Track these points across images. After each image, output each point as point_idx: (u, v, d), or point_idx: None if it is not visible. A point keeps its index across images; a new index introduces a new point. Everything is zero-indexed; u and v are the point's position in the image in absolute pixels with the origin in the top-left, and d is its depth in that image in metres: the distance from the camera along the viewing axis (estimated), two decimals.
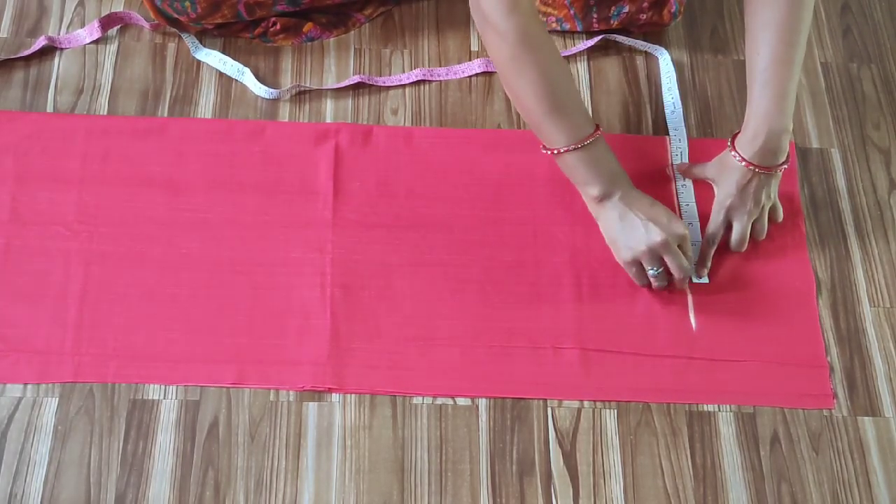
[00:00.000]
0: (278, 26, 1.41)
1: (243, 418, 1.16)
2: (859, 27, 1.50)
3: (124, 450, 1.13)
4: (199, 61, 1.40)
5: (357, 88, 1.39)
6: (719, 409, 1.19)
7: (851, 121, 1.41)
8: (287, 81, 1.39)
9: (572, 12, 1.41)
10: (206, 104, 1.37)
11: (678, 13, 1.43)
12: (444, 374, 1.19)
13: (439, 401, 1.18)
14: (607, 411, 1.18)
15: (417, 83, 1.40)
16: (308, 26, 1.42)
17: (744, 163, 1.23)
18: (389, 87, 1.39)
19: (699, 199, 1.31)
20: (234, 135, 1.34)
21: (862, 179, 1.36)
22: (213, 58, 1.39)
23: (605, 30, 1.44)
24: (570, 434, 1.17)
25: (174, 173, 1.30)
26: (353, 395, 1.18)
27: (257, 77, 1.38)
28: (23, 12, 1.43)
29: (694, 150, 1.36)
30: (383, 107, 1.38)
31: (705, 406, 1.19)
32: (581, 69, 1.43)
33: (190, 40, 1.41)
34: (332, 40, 1.44)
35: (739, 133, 1.25)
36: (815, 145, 1.38)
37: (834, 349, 1.23)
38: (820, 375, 1.21)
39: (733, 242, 1.26)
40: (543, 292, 1.24)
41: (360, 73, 1.40)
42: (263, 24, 1.41)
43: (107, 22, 1.41)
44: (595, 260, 1.27)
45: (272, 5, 1.38)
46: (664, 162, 1.34)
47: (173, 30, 1.41)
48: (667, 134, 1.37)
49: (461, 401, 1.18)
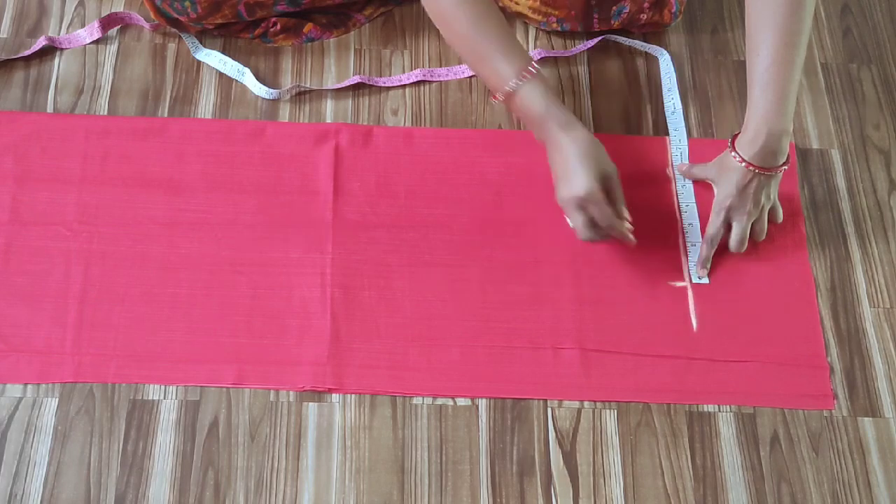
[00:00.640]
0: (278, 27, 1.41)
1: (243, 418, 1.16)
2: (859, 28, 1.50)
3: (124, 450, 1.13)
4: (199, 62, 1.40)
5: (357, 89, 1.39)
6: (719, 410, 1.19)
7: (851, 121, 1.41)
8: (287, 82, 1.39)
9: (573, 13, 1.41)
10: (206, 104, 1.37)
11: (678, 13, 1.43)
12: (444, 375, 1.19)
13: (439, 401, 1.18)
14: (607, 411, 1.18)
15: (417, 83, 1.40)
16: (308, 27, 1.42)
17: (744, 164, 1.22)
18: (389, 88, 1.39)
19: (699, 200, 1.31)
20: (234, 135, 1.34)
21: (862, 180, 1.36)
22: (214, 58, 1.39)
23: (605, 30, 1.44)
24: (570, 434, 1.17)
25: (174, 173, 1.30)
26: (353, 396, 1.18)
27: (257, 77, 1.38)
28: (23, 12, 1.44)
29: (694, 150, 1.36)
30: (383, 107, 1.38)
31: (705, 406, 1.19)
32: (581, 69, 1.43)
33: (190, 41, 1.41)
34: (332, 41, 1.44)
35: (739, 134, 1.25)
36: (815, 146, 1.38)
37: (834, 350, 1.23)
38: (820, 376, 1.21)
39: (733, 243, 1.26)
40: (543, 292, 1.24)
41: (360, 74, 1.40)
42: (264, 25, 1.41)
43: (107, 22, 1.41)
44: (595, 260, 1.27)
45: (272, 5, 1.38)
46: (664, 162, 1.35)
47: (173, 30, 1.41)
48: (667, 134, 1.37)
49: (461, 401, 1.18)
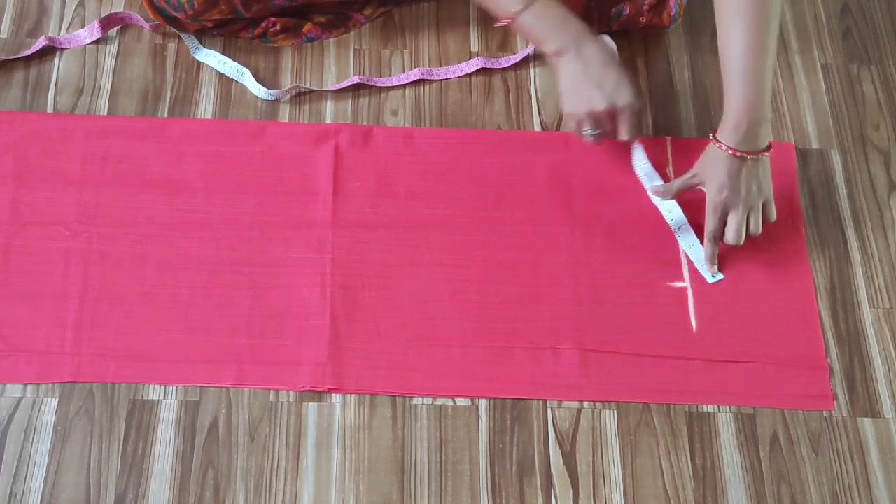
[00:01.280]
0: (278, 27, 1.41)
1: (243, 418, 1.16)
2: (859, 29, 1.50)
3: (124, 450, 1.13)
4: (199, 62, 1.40)
5: (357, 89, 1.39)
6: (719, 410, 1.19)
7: (851, 122, 1.41)
8: (287, 81, 1.39)
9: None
10: (206, 105, 1.37)
11: (678, 16, 1.43)
12: (444, 375, 1.19)
13: (439, 401, 1.18)
14: (607, 412, 1.18)
15: (417, 83, 1.40)
16: (308, 27, 1.42)
17: (730, 151, 1.22)
18: (389, 88, 1.39)
19: (694, 206, 1.31)
20: (234, 135, 1.34)
21: (862, 181, 1.36)
22: (213, 59, 1.39)
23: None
24: (569, 435, 1.17)
25: (174, 174, 1.30)
26: (352, 396, 1.18)
27: (257, 77, 1.38)
28: (23, 13, 1.44)
29: (694, 150, 1.36)
30: (383, 107, 1.38)
31: (705, 407, 1.19)
32: None
33: (190, 41, 1.41)
34: (332, 41, 1.44)
35: (718, 128, 1.24)
36: (814, 146, 1.38)
37: (834, 350, 1.23)
38: (820, 377, 1.21)
39: (729, 235, 1.24)
40: (543, 293, 1.24)
41: (359, 74, 1.40)
42: (263, 25, 1.41)
43: (107, 22, 1.41)
44: (595, 260, 1.27)
45: (269, 0, 1.38)
46: (664, 162, 1.34)
47: (173, 31, 1.41)
48: (666, 135, 1.37)
49: (461, 401, 1.18)
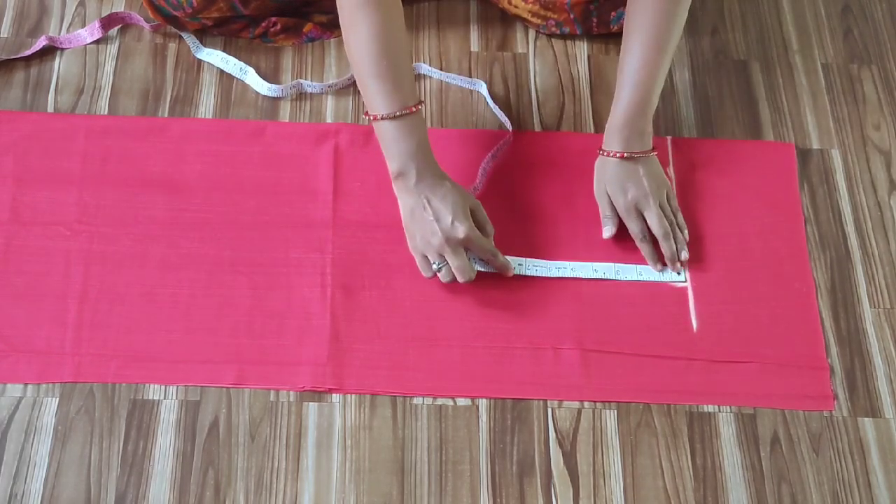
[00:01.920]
0: (279, 26, 1.41)
1: (243, 418, 1.16)
2: (860, 28, 1.50)
3: (124, 450, 1.13)
4: (199, 62, 1.40)
5: (357, 89, 1.39)
6: (719, 410, 1.19)
7: (852, 121, 1.41)
8: (288, 80, 1.39)
9: (572, 16, 1.42)
10: (206, 104, 1.37)
11: None
12: (445, 375, 1.19)
13: (439, 401, 1.18)
14: (607, 412, 1.18)
15: (417, 83, 1.40)
16: (308, 26, 1.42)
17: (619, 155, 1.25)
18: None
19: (689, 205, 1.31)
20: (234, 135, 1.34)
21: (862, 180, 1.36)
22: (215, 57, 1.39)
23: (604, 34, 1.44)
24: (570, 434, 1.17)
25: (174, 173, 1.30)
26: (353, 396, 1.18)
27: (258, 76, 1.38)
28: (23, 12, 1.44)
29: (694, 150, 1.36)
30: None
31: (705, 406, 1.19)
32: (581, 70, 1.43)
33: (190, 40, 1.41)
34: (332, 40, 1.44)
35: (603, 143, 1.27)
36: (815, 146, 1.38)
37: (834, 350, 1.23)
38: (820, 377, 1.21)
39: (655, 227, 1.25)
40: (543, 293, 1.24)
41: None
42: (264, 25, 1.41)
43: (107, 22, 1.41)
44: (595, 260, 1.27)
45: None
46: (664, 162, 1.34)
47: (174, 30, 1.41)
48: (668, 135, 1.37)
49: (461, 401, 1.18)
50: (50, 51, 1.40)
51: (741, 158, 1.36)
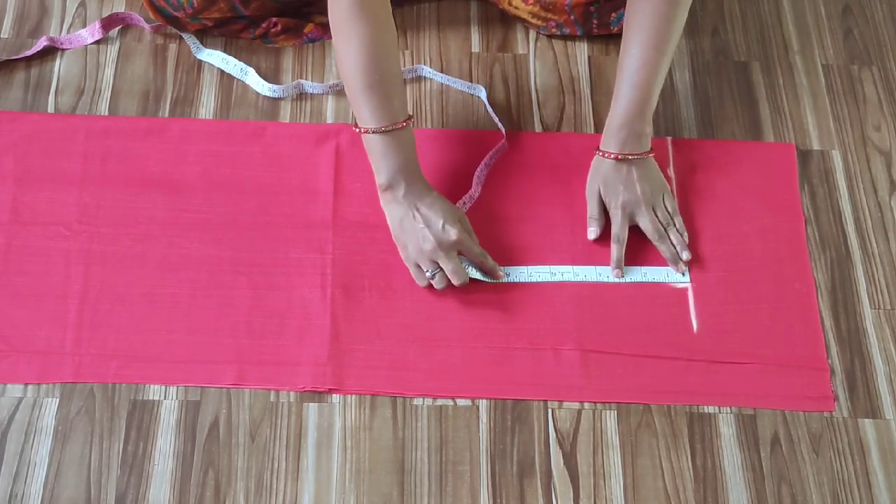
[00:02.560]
0: (279, 27, 1.41)
1: (244, 419, 1.16)
2: (860, 29, 1.50)
3: (125, 450, 1.13)
4: (200, 62, 1.40)
5: None
6: (720, 411, 1.19)
7: (852, 122, 1.41)
8: (288, 81, 1.39)
9: (573, 17, 1.42)
10: (206, 105, 1.37)
11: None
12: (445, 375, 1.19)
13: (439, 402, 1.18)
14: (608, 412, 1.18)
15: (418, 83, 1.40)
16: (309, 27, 1.42)
17: (614, 156, 1.24)
18: None
19: (689, 206, 1.31)
20: (234, 135, 1.34)
21: (862, 181, 1.36)
22: (216, 57, 1.39)
23: (604, 35, 1.44)
24: (570, 435, 1.17)
25: (175, 174, 1.30)
26: (353, 396, 1.18)
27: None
28: (24, 13, 1.44)
29: (694, 150, 1.36)
30: None
31: (706, 407, 1.19)
32: (582, 70, 1.43)
33: (191, 41, 1.41)
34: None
35: (600, 142, 1.27)
36: (815, 147, 1.38)
37: (834, 351, 1.23)
38: (820, 378, 1.21)
39: (649, 233, 1.25)
40: (543, 293, 1.24)
41: None
42: (264, 25, 1.41)
43: (108, 23, 1.41)
44: (595, 261, 1.27)
45: None
46: (664, 163, 1.34)
47: (174, 31, 1.41)
48: (668, 136, 1.37)
49: (461, 402, 1.18)
50: (50, 51, 1.40)
51: (742, 159, 1.36)
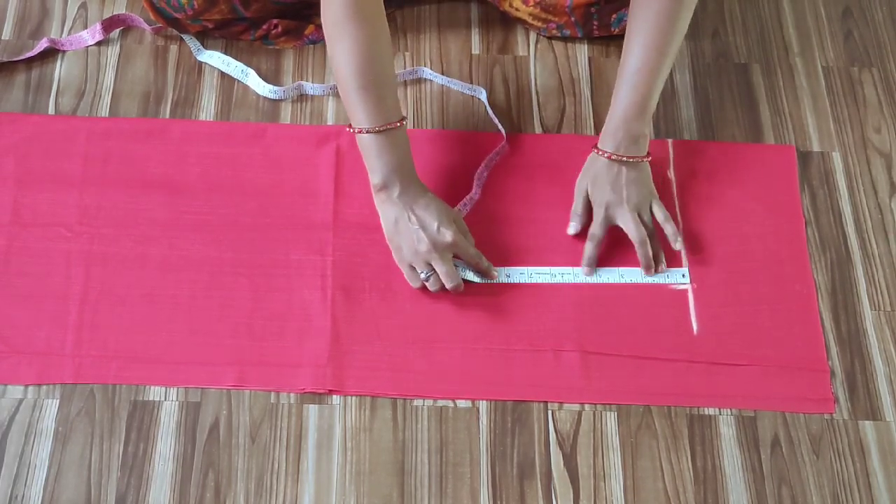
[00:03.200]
0: (280, 29, 1.41)
1: (244, 420, 1.16)
2: (860, 30, 1.50)
3: (125, 451, 1.13)
4: (200, 64, 1.40)
5: None
6: (720, 412, 1.19)
7: (852, 124, 1.41)
8: (289, 82, 1.40)
9: (573, 19, 1.42)
10: (207, 107, 1.37)
11: None
12: (445, 377, 1.19)
13: (440, 403, 1.18)
14: (608, 414, 1.18)
15: (418, 84, 1.40)
16: (310, 29, 1.42)
17: (608, 156, 1.24)
18: None
19: (689, 208, 1.31)
20: (235, 137, 1.34)
21: (863, 182, 1.36)
22: (216, 59, 1.40)
23: (605, 36, 1.44)
24: (570, 437, 1.17)
25: (175, 175, 1.30)
26: (353, 398, 1.18)
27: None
28: (25, 14, 1.44)
29: (695, 152, 1.36)
30: None
31: (706, 409, 1.19)
32: (582, 71, 1.43)
33: (192, 42, 1.41)
34: None
35: (598, 140, 1.26)
36: (816, 148, 1.38)
37: (835, 352, 1.23)
38: (821, 379, 1.21)
39: (631, 234, 1.24)
40: (544, 294, 1.24)
41: None
42: (265, 27, 1.41)
43: (109, 24, 1.41)
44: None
45: None
46: (664, 165, 1.34)
47: (175, 33, 1.42)
48: (668, 137, 1.37)
49: (462, 403, 1.18)
50: (51, 53, 1.40)
51: (742, 161, 1.36)
